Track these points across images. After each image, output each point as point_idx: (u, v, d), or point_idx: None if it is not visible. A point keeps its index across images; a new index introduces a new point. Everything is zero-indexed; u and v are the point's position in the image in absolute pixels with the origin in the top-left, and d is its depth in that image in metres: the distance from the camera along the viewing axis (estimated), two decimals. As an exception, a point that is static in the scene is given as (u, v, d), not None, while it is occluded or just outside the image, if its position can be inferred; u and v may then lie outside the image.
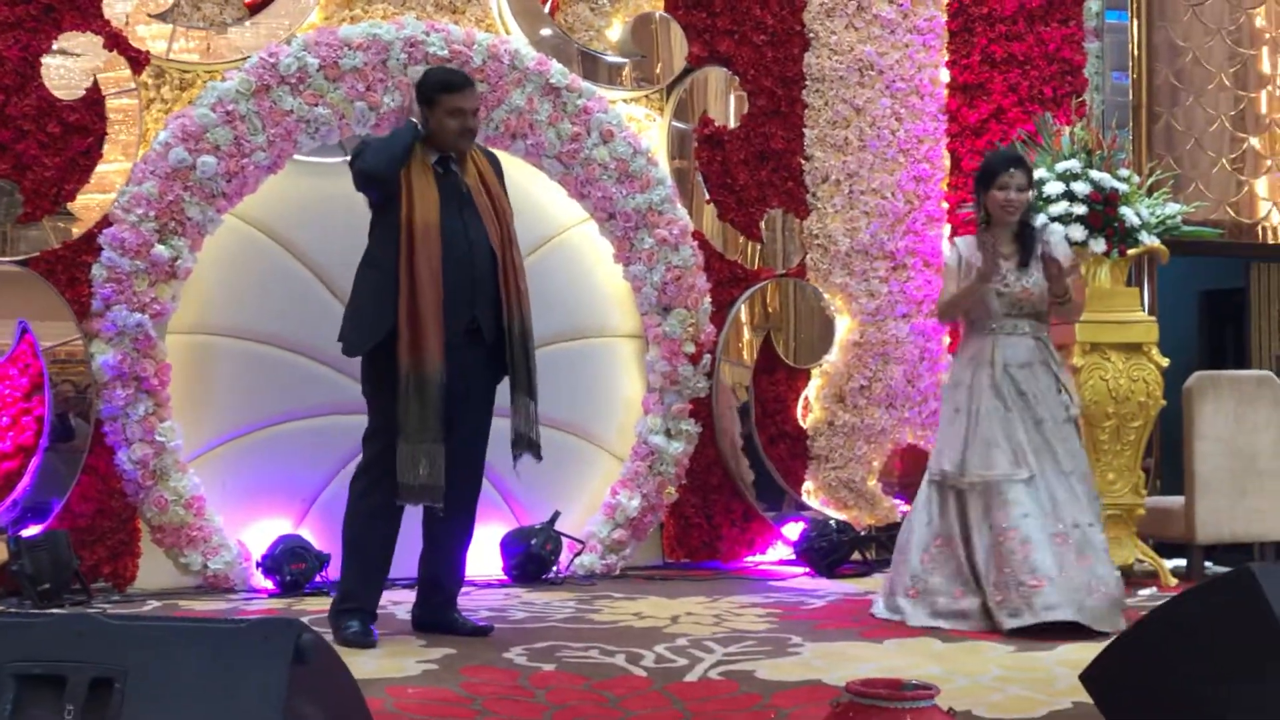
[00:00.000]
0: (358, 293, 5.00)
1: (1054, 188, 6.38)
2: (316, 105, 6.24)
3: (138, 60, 6.22)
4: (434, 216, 4.85)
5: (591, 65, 6.82)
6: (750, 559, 7.01)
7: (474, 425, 5.04)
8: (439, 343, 4.76)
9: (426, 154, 4.98)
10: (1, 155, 6.05)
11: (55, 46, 6.12)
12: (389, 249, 4.85)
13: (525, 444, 5.05)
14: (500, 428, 5.14)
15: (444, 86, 5.02)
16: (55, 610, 5.34)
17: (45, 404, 6.04)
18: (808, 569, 6.73)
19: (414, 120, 4.92)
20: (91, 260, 6.03)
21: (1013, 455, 5.27)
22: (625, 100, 6.92)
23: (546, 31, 6.77)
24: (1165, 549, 6.80)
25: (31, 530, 5.87)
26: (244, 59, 6.27)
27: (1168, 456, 7.53)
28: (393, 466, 4.82)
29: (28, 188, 6.05)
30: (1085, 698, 3.63)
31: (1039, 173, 6.47)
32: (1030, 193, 5.50)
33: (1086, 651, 4.08)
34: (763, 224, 7.07)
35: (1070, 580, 5.10)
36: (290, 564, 6.13)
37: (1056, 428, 5.36)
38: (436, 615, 5.10)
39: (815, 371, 7.14)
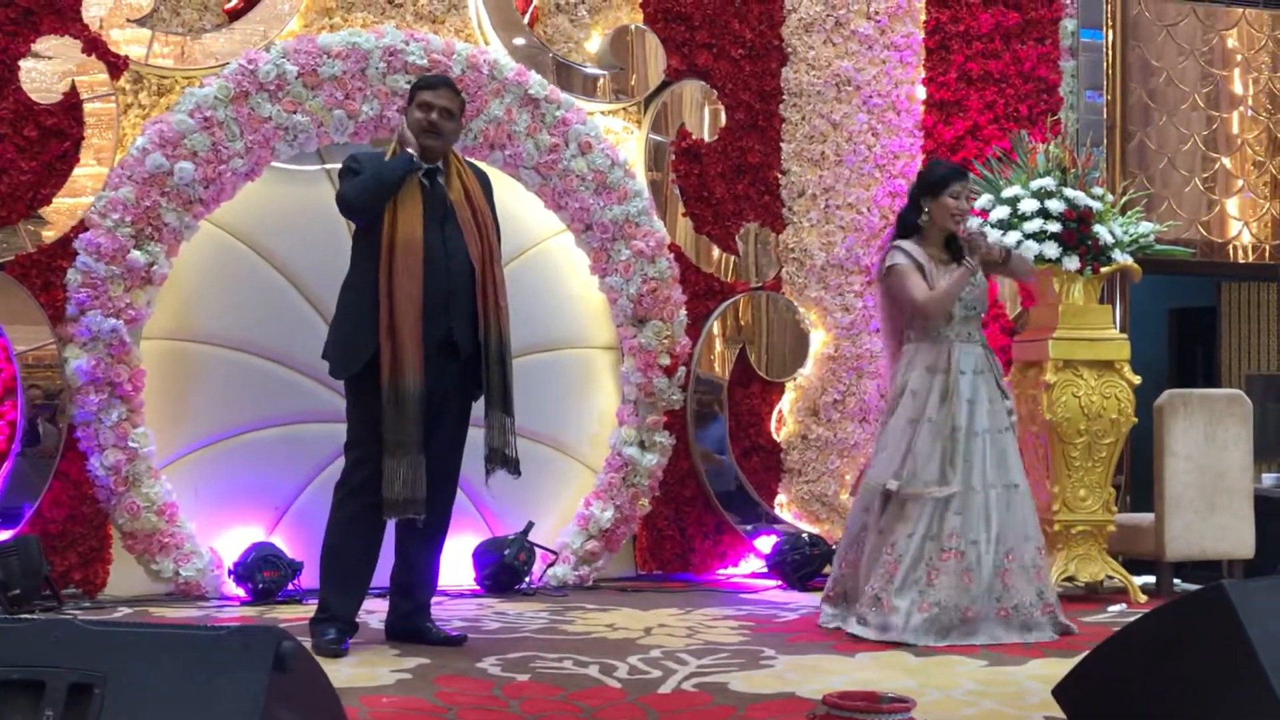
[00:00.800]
0: (343, 314, 5.00)
1: (1029, 205, 6.41)
2: (295, 113, 6.24)
3: (116, 65, 6.21)
4: (418, 232, 4.86)
5: (567, 76, 6.83)
6: (723, 571, 7.02)
7: (448, 438, 5.03)
8: (418, 359, 4.77)
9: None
10: (-22, 158, 6.04)
11: (33, 50, 6.10)
12: (370, 265, 4.86)
13: (500, 460, 5.05)
14: (475, 439, 5.14)
15: (420, 84, 5.09)
16: (27, 616, 5.31)
17: (18, 409, 6.01)
18: (780, 582, 6.74)
19: (411, 152, 4.91)
20: (67, 265, 6.02)
21: (941, 472, 5.33)
22: (603, 112, 6.93)
23: (520, 40, 6.77)
24: (1135, 565, 6.84)
25: (2, 535, 5.85)
26: (222, 65, 6.26)
27: (1138, 473, 7.57)
28: (370, 476, 4.85)
29: (3, 191, 6.04)
30: (1058, 712, 3.65)
31: (1014, 190, 6.52)
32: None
33: (1059, 666, 4.11)
34: (739, 237, 7.10)
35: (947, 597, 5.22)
36: (262, 572, 6.11)
37: (999, 436, 5.43)
38: (409, 624, 5.09)
39: (789, 385, 7.16)
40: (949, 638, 5.16)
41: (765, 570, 6.88)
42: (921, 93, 7.38)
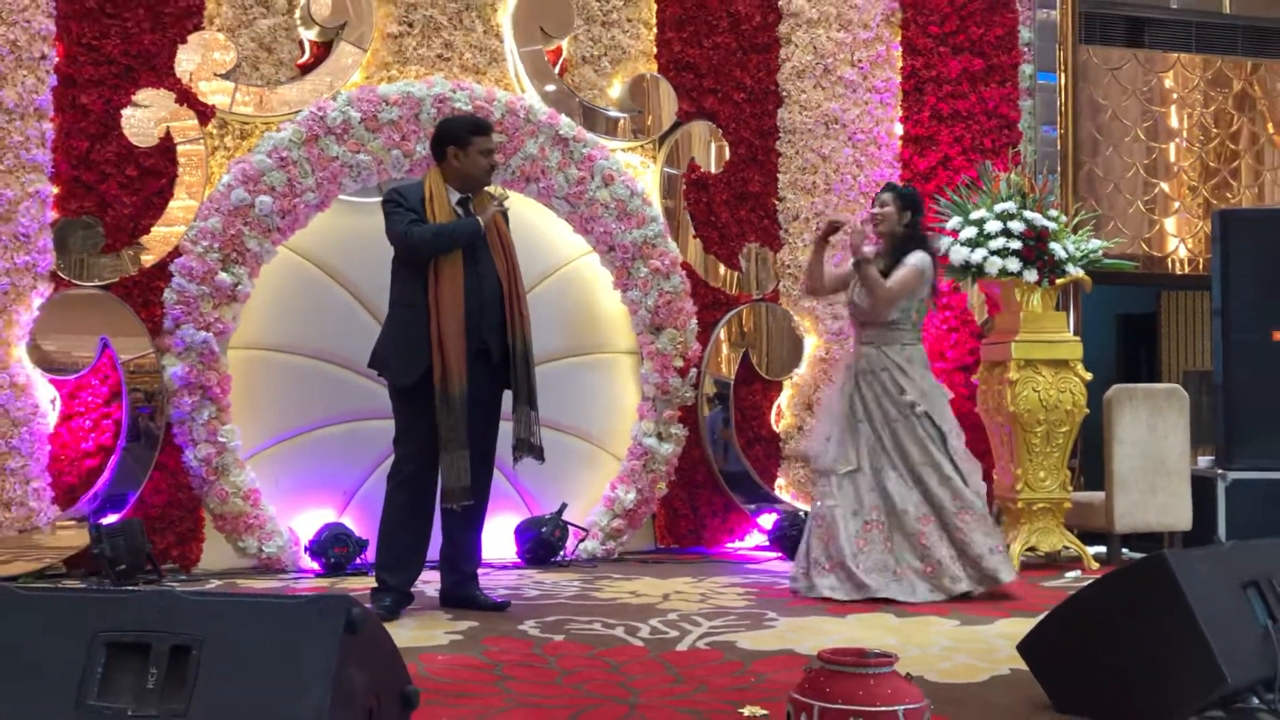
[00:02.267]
0: (398, 329, 5.00)
1: (993, 225, 6.41)
2: (359, 153, 6.26)
3: (204, 113, 6.24)
4: (459, 256, 4.91)
5: (592, 118, 6.84)
6: (730, 545, 7.01)
7: (483, 432, 5.04)
8: (463, 367, 4.82)
9: (449, 195, 5.03)
10: (87, 194, 6.07)
11: (133, 101, 6.14)
12: (417, 285, 4.89)
13: (526, 448, 5.09)
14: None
15: (477, 129, 5.10)
16: (132, 588, 5.34)
17: (123, 409, 6.05)
18: (780, 554, 6.72)
19: (480, 220, 4.94)
20: (163, 285, 6.05)
21: (839, 450, 5.55)
22: (623, 149, 6.94)
23: (551, 88, 6.79)
24: (1088, 537, 6.82)
25: (110, 518, 5.88)
26: (296, 112, 6.29)
27: (1090, 457, 7.55)
28: (417, 469, 4.91)
29: (109, 222, 6.07)
30: (1022, 665, 3.66)
31: (980, 213, 6.51)
32: (891, 209, 5.75)
33: (1023, 625, 4.10)
34: (742, 256, 7.10)
35: (875, 562, 5.39)
36: (334, 548, 6.14)
37: (892, 425, 5.51)
38: (460, 593, 5.12)
39: (787, 383, 7.16)
40: (886, 592, 5.32)
41: (767, 544, 6.87)
42: (899, 129, 7.37)
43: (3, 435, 5.85)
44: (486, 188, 5.15)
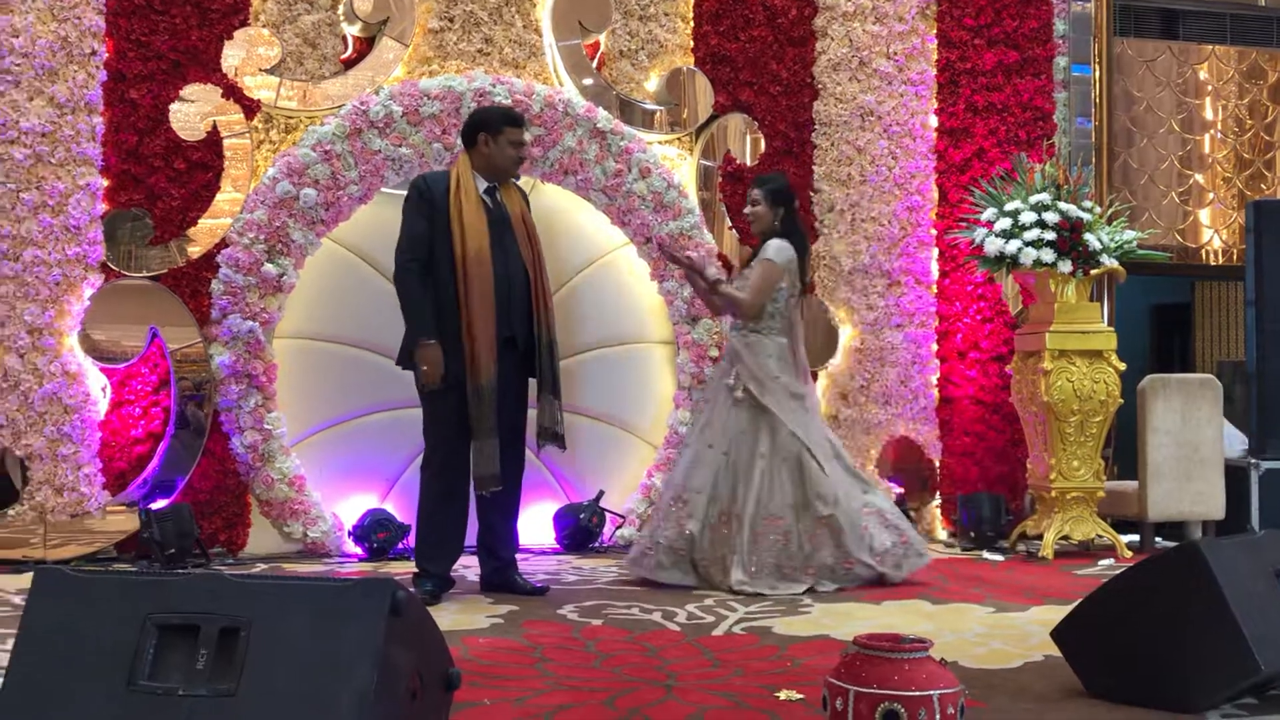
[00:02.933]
0: (412, 294, 4.97)
1: (1028, 217, 6.36)
2: (400, 146, 6.29)
3: (250, 108, 6.28)
4: (485, 243, 4.90)
5: (629, 111, 6.83)
6: (766, 532, 6.99)
7: (513, 420, 5.06)
8: (492, 357, 4.82)
9: (477, 183, 5.01)
10: (136, 187, 6.12)
11: (181, 96, 6.18)
12: (445, 276, 4.88)
13: (549, 436, 5.12)
14: (565, 422, 5.20)
15: (510, 120, 5.10)
16: (182, 571, 5.39)
17: (172, 397, 6.10)
18: (815, 541, 6.71)
19: (424, 343, 4.88)
20: (211, 276, 6.10)
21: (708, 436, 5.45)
22: (660, 142, 6.93)
23: (589, 81, 6.78)
24: (1121, 526, 6.78)
25: (159, 503, 5.94)
26: (339, 107, 6.32)
27: (1124, 447, 7.50)
28: (447, 457, 4.93)
29: (158, 215, 6.12)
30: (1055, 652, 3.64)
31: (1014, 204, 6.47)
32: (762, 207, 5.60)
33: (1056, 612, 4.08)
34: (777, 247, 7.07)
35: (706, 551, 5.28)
36: (376, 533, 6.18)
37: (734, 410, 5.43)
38: (500, 578, 5.13)
39: (822, 373, 7.13)
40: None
41: (802, 531, 6.85)
42: (934, 121, 7.32)
43: (55, 422, 5.91)
44: (516, 182, 5.17)
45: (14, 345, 5.89)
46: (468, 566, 5.34)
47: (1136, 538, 6.79)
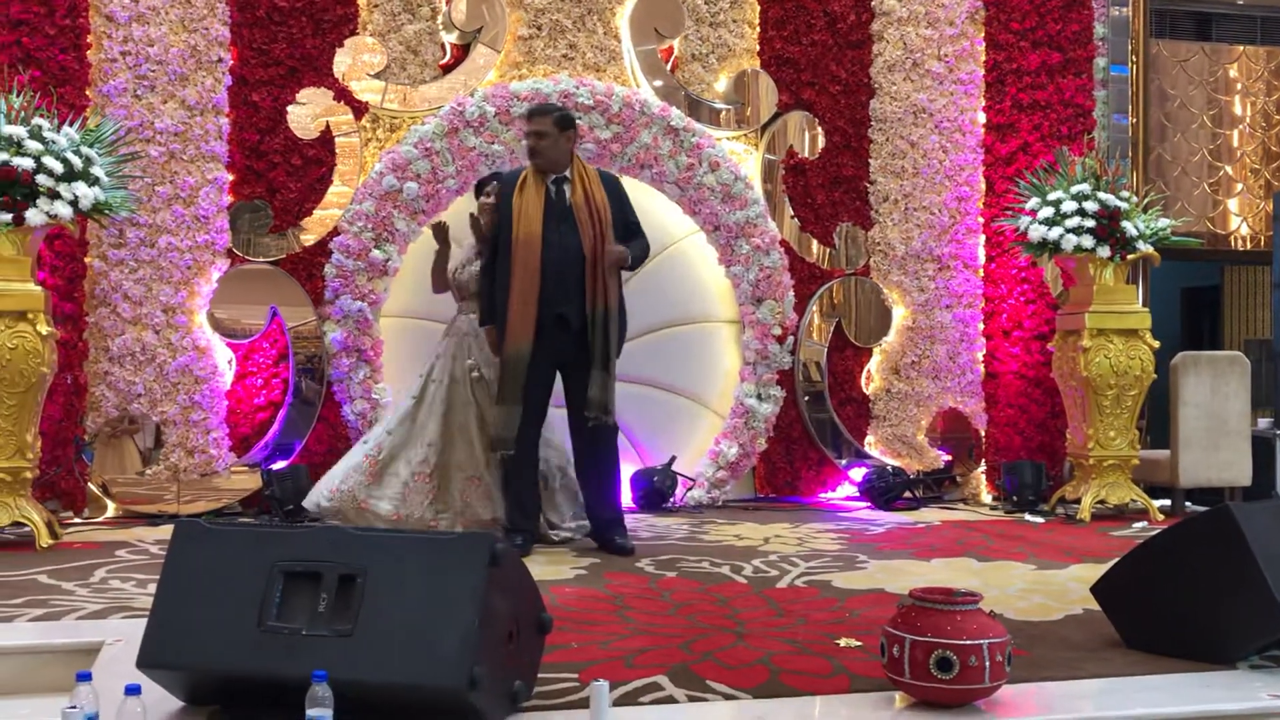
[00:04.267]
0: (481, 289, 5.20)
1: (1069, 206, 6.27)
2: (493, 143, 6.31)
3: (358, 109, 6.33)
4: (536, 229, 4.91)
5: (697, 109, 6.79)
6: (824, 495, 6.96)
7: (581, 393, 4.98)
8: (528, 332, 4.84)
9: (545, 176, 5.02)
10: (257, 181, 6.20)
11: (297, 98, 6.25)
12: (504, 260, 4.94)
13: (595, 407, 4.95)
14: (640, 394, 5.18)
15: (524, 116, 5.29)
16: (301, 525, 5.48)
17: (290, 369, 6.19)
18: (869, 504, 6.69)
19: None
20: (324, 261, 6.18)
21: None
22: (728, 138, 6.90)
23: (659, 82, 6.75)
24: (1154, 491, 6.68)
25: (279, 465, 6.03)
26: (438, 108, 6.36)
27: (1156, 418, 7.39)
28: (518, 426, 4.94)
29: (277, 206, 6.21)
30: (1093, 606, 3.61)
31: (1057, 194, 6.38)
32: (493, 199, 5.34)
33: (1094, 570, 4.05)
34: (835, 234, 7.02)
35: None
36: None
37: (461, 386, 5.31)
38: (597, 535, 5.15)
39: (876, 350, 7.08)
40: None
41: (857, 494, 6.83)
42: (982, 118, 7.22)
43: (187, 392, 6.02)
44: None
45: (150, 323, 6.00)
46: (553, 528, 5.37)
47: (1168, 502, 6.68)
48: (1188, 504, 6.74)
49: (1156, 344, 6.37)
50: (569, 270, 4.92)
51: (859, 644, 3.35)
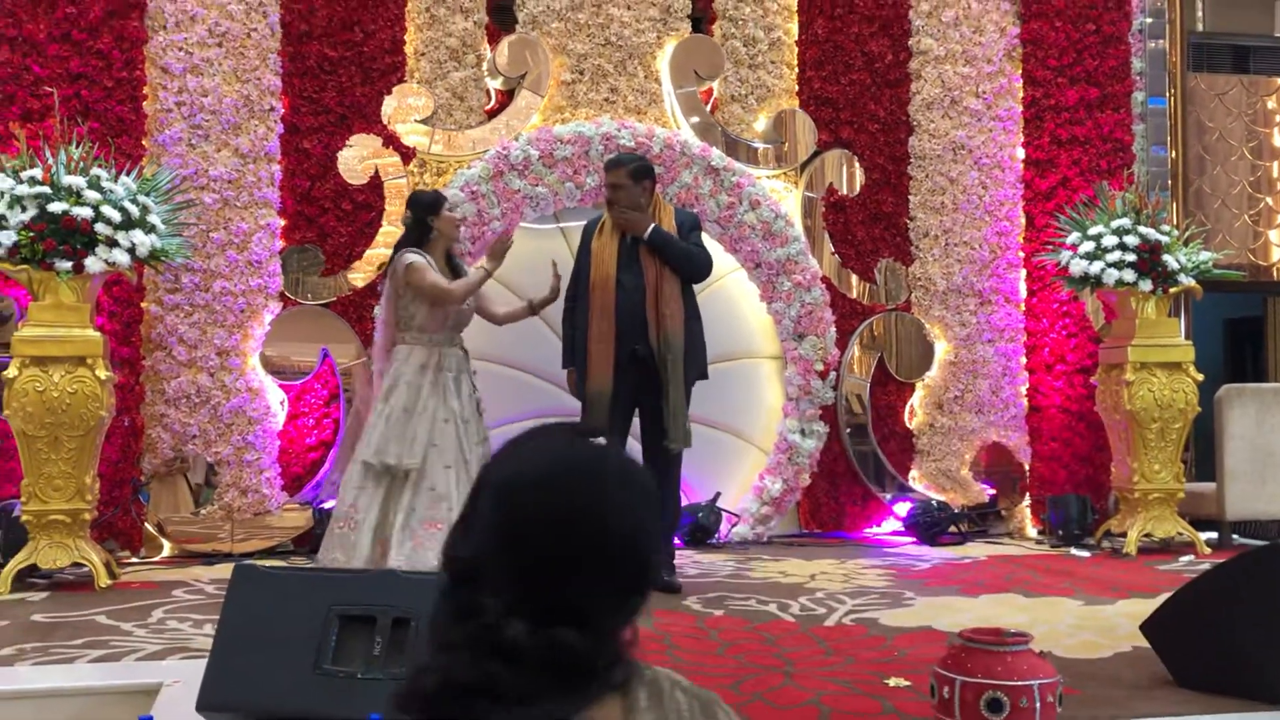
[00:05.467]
0: (563, 334, 5.30)
1: (1110, 240, 6.23)
2: (537, 186, 6.36)
3: (406, 154, 6.41)
4: (611, 271, 5.01)
5: (734, 147, 6.81)
6: (869, 530, 6.92)
7: (650, 426, 5.05)
8: (606, 371, 4.90)
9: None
10: (309, 226, 6.28)
11: (347, 144, 6.33)
12: (582, 301, 5.03)
13: (671, 437, 4.99)
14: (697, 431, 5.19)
15: (605, 167, 5.27)
16: (360, 569, 5.49)
17: (340, 410, 6.23)
18: (914, 538, 6.65)
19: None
20: (374, 302, 6.19)
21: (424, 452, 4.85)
22: (768, 176, 6.92)
23: (696, 119, 6.78)
24: (1200, 524, 6.58)
25: (330, 503, 6.04)
26: (483, 152, 6.42)
27: (1201, 451, 7.29)
28: None
29: (329, 250, 6.28)
30: (1142, 643, 3.56)
31: (1097, 228, 6.34)
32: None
33: (1142, 606, 3.99)
34: (876, 270, 7.01)
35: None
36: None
37: (467, 426, 4.95)
38: None
39: (919, 384, 7.05)
40: None
41: (902, 529, 6.78)
42: (1021, 154, 7.20)
43: (241, 432, 6.08)
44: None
45: (205, 365, 6.07)
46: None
47: (1215, 535, 6.59)
48: (1235, 536, 6.65)
49: (1200, 377, 6.30)
50: (639, 308, 5.00)
51: (908, 683, 3.31)
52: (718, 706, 1.20)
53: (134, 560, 5.88)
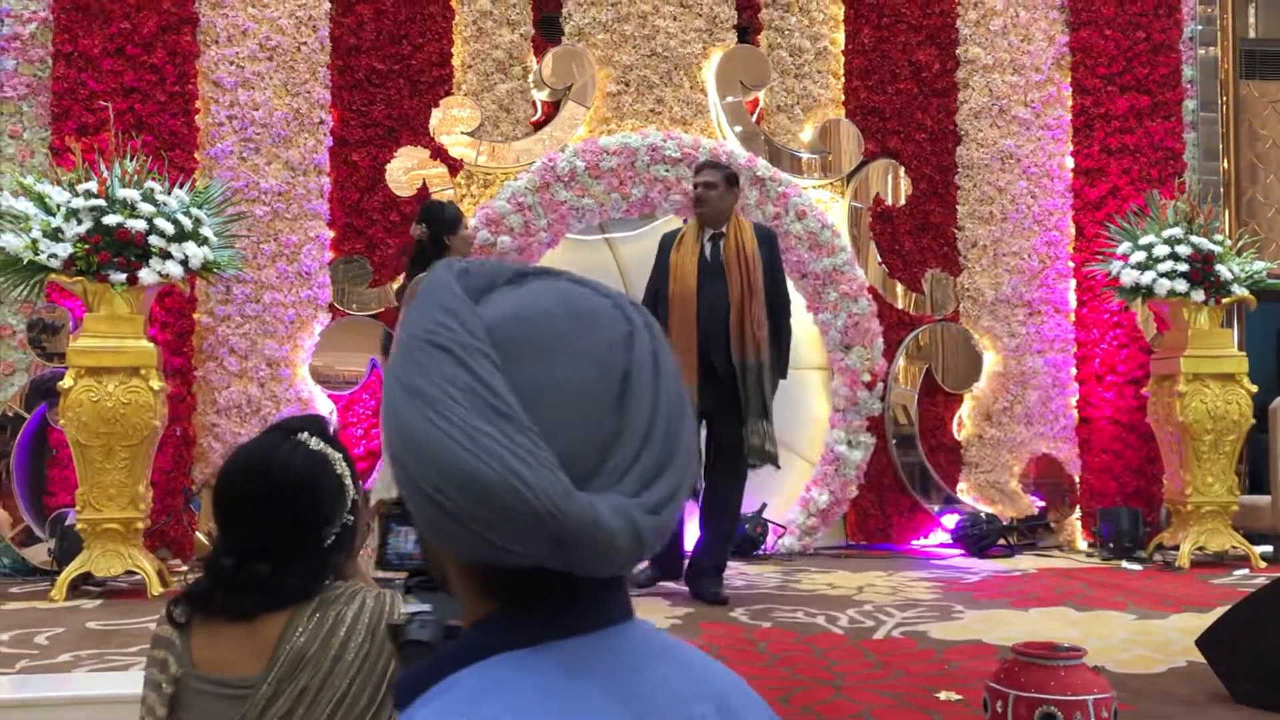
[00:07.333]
0: None
1: (1161, 250, 6.18)
2: (583, 197, 6.39)
3: (453, 166, 6.45)
4: (691, 285, 5.02)
5: (777, 156, 6.80)
6: (916, 542, 6.88)
7: (721, 441, 5.04)
8: (690, 380, 4.87)
9: (702, 232, 5.11)
10: (357, 237, 6.34)
11: (395, 157, 6.39)
12: (663, 314, 5.02)
13: (760, 455, 5.02)
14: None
15: (694, 170, 5.29)
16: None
17: (387, 421, 6.26)
18: (962, 551, 6.60)
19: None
20: (421, 314, 6.26)
21: None
22: (814, 186, 6.91)
23: (739, 128, 6.78)
24: (1255, 537, 6.48)
25: (377, 514, 6.09)
26: (530, 163, 6.45)
27: (1255, 463, 7.18)
28: None
29: (376, 261, 6.33)
30: (1197, 657, 3.52)
31: (1148, 238, 6.28)
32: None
33: (1196, 620, 3.95)
34: (923, 280, 6.98)
35: None
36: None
37: None
38: (694, 582, 5.09)
39: (967, 396, 7.00)
40: None
41: (950, 542, 6.74)
42: (1070, 163, 7.15)
43: (290, 442, 6.12)
44: None
45: (255, 376, 6.14)
46: (640, 569, 5.36)
47: (1270, 549, 6.49)
48: (1291, 551, 6.53)
49: (1254, 388, 6.22)
50: (718, 322, 5.01)
51: (959, 698, 3.29)
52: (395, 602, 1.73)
53: (185, 568, 5.95)
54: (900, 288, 6.95)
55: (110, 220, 5.04)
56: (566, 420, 0.77)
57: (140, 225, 5.11)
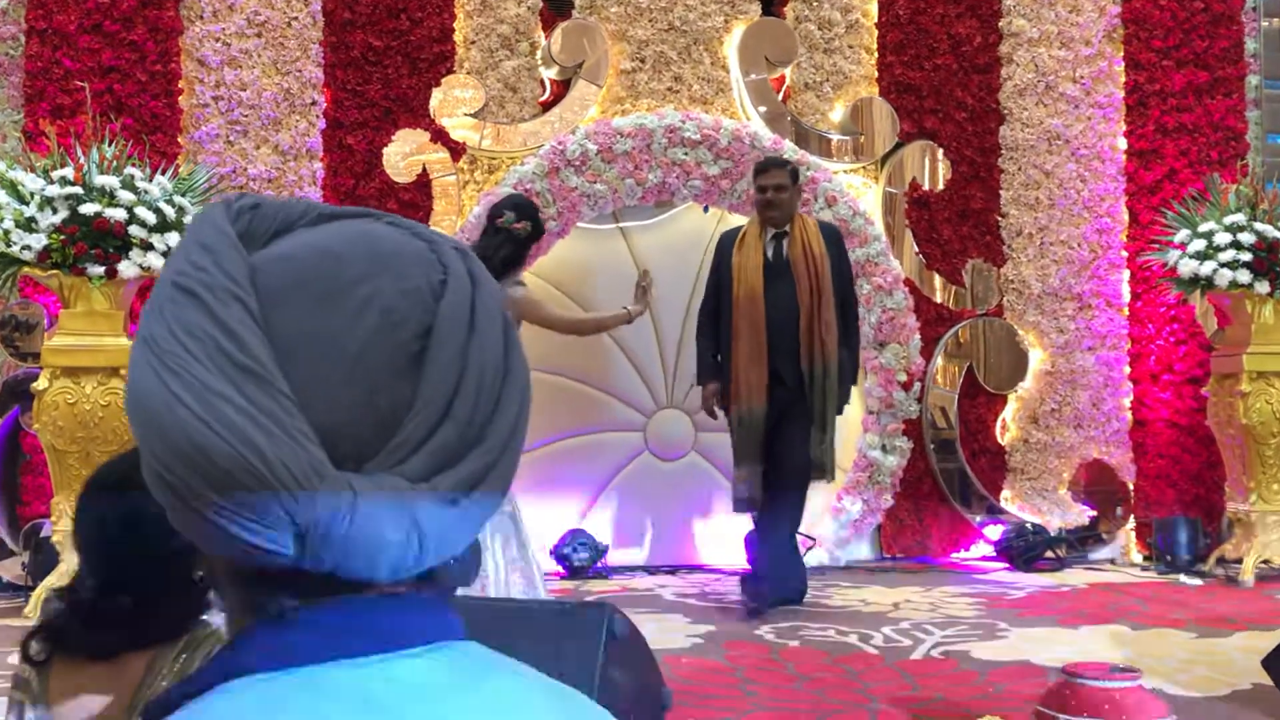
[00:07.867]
0: (699, 350, 5.41)
1: (1222, 238, 6.14)
2: (595, 183, 6.39)
3: (456, 150, 6.46)
4: (758, 287, 5.12)
5: (804, 138, 6.80)
6: (956, 555, 6.86)
7: (784, 450, 5.10)
8: (761, 389, 4.98)
9: (764, 231, 5.20)
10: (352, 227, 6.34)
11: (392, 140, 6.40)
12: (726, 318, 5.15)
13: (814, 466, 5.14)
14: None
15: (753, 171, 5.38)
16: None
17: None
18: (1007, 564, 6.58)
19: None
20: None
21: None
22: (845, 170, 6.89)
23: (764, 109, 6.78)
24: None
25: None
26: (538, 147, 6.46)
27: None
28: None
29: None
30: (1264, 680, 3.49)
31: (1208, 225, 6.25)
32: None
33: (1261, 639, 3.93)
34: (964, 272, 6.96)
35: None
36: (576, 552, 6.26)
37: None
38: (753, 593, 5.15)
39: (1011, 396, 6.98)
40: None
41: (994, 554, 6.72)
42: (1123, 144, 7.12)
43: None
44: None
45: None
46: (663, 585, 5.36)
47: (1342, 562, 6.45)
48: (1365, 564, 6.49)
49: (1325, 387, 6.18)
50: (786, 326, 5.09)
51: (1004, 722, 3.29)
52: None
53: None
54: (939, 280, 6.93)
55: (87, 209, 5.05)
56: (334, 382, 0.67)
57: (120, 214, 5.12)
